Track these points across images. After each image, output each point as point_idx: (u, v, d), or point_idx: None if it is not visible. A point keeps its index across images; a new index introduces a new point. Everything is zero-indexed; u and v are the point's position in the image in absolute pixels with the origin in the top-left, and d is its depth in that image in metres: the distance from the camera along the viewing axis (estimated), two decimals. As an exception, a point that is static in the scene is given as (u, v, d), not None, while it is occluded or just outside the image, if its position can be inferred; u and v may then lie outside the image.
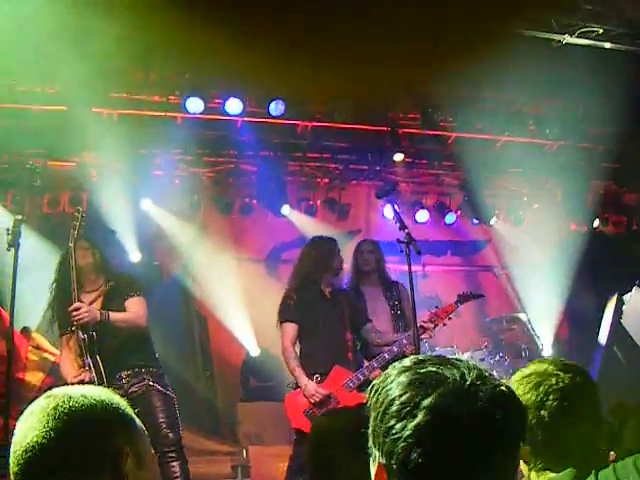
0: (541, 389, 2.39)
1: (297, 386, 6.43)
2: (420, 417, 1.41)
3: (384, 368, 2.21)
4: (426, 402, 1.42)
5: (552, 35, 8.56)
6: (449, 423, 1.41)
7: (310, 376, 6.37)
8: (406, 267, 5.83)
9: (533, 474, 2.41)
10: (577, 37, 8.59)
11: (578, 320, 11.34)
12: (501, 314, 10.56)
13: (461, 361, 1.52)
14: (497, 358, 9.33)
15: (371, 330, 6.82)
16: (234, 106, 9.08)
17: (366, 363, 6.63)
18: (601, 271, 10.92)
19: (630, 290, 11.53)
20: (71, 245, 5.85)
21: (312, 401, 6.27)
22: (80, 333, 5.69)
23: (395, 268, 8.05)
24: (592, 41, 8.70)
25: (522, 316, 10.71)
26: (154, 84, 8.86)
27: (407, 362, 1.54)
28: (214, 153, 10.18)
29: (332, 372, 6.38)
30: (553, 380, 2.44)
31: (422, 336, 6.51)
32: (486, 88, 9.64)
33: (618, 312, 11.16)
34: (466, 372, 1.48)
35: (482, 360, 9.18)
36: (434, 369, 1.49)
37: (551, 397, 2.39)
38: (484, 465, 1.43)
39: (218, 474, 8.55)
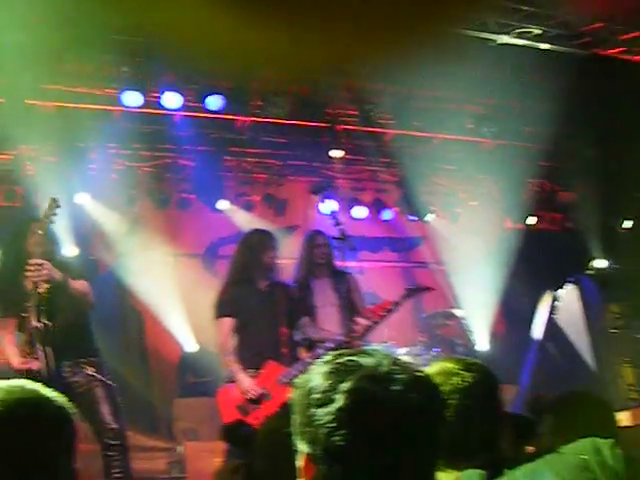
0: (445, 389, 2.41)
1: (231, 380, 6.41)
2: (339, 401, 1.47)
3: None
4: (344, 387, 1.48)
5: (490, 35, 8.66)
6: (367, 406, 1.47)
7: (245, 371, 6.35)
8: (342, 263, 5.83)
9: (439, 473, 2.42)
10: (514, 37, 8.71)
11: (513, 316, 11.51)
12: (437, 310, 10.64)
13: (378, 351, 1.58)
14: (433, 353, 9.40)
15: (307, 325, 6.81)
16: (173, 100, 9.00)
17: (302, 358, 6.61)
18: (536, 268, 11.09)
19: (564, 287, 11.75)
20: (29, 229, 5.77)
21: (246, 396, 6.25)
22: (34, 320, 5.55)
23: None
24: (529, 41, 8.83)
25: (458, 312, 10.81)
26: (91, 76, 8.73)
27: (327, 356, 1.60)
28: (152, 147, 10.08)
29: (266, 367, 6.37)
30: (455, 380, 2.46)
31: (356, 332, 6.53)
32: (424, 86, 9.72)
33: (552, 308, 11.35)
34: (383, 360, 1.54)
35: (418, 355, 9.23)
36: (352, 358, 1.55)
37: (454, 397, 2.40)
38: (404, 446, 1.48)
39: (154, 470, 8.49)
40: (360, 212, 11.19)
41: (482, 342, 11.16)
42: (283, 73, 9.21)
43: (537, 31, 8.74)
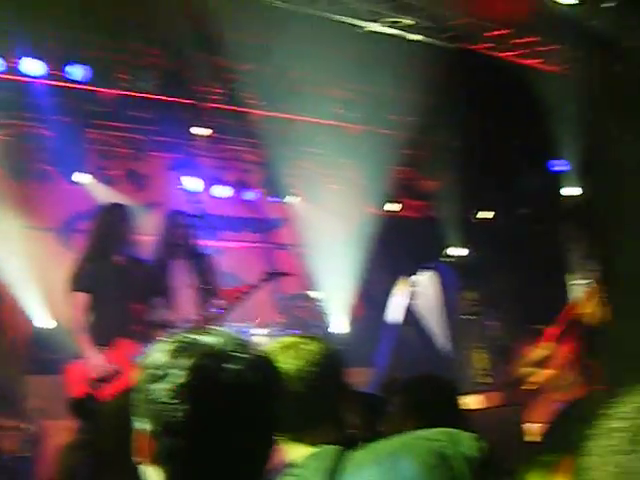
0: (295, 362, 2.42)
1: (81, 357, 6.23)
2: (180, 378, 1.51)
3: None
4: (185, 364, 1.52)
5: (360, 22, 8.71)
6: (207, 382, 1.52)
7: (96, 347, 6.18)
8: (202, 243, 5.74)
9: (284, 445, 2.45)
10: (384, 26, 8.79)
11: (373, 300, 11.69)
12: (296, 292, 10.68)
13: (223, 331, 1.63)
14: (292, 335, 9.41)
15: (163, 305, 6.71)
16: (34, 67, 8.63)
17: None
18: (396, 254, 11.29)
19: (422, 273, 12.03)
20: None
21: (95, 373, 6.09)
22: None
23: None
24: (398, 31, 8.94)
25: (316, 294, 10.88)
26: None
27: (172, 336, 1.64)
28: (8, 115, 9.61)
29: (117, 344, 6.22)
30: (303, 353, 2.48)
31: (211, 314, 6.49)
32: (293, 68, 9.69)
33: (410, 293, 11.60)
34: (226, 339, 1.58)
35: (277, 336, 9.22)
36: (195, 337, 1.59)
37: (308, 368, 2.38)
38: (241, 423, 1.54)
39: (6, 449, 8.18)
40: (223, 191, 11.10)
41: (340, 325, 11.29)
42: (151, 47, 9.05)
43: (407, 21, 8.85)
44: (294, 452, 2.39)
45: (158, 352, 1.60)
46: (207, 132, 10.27)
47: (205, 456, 1.51)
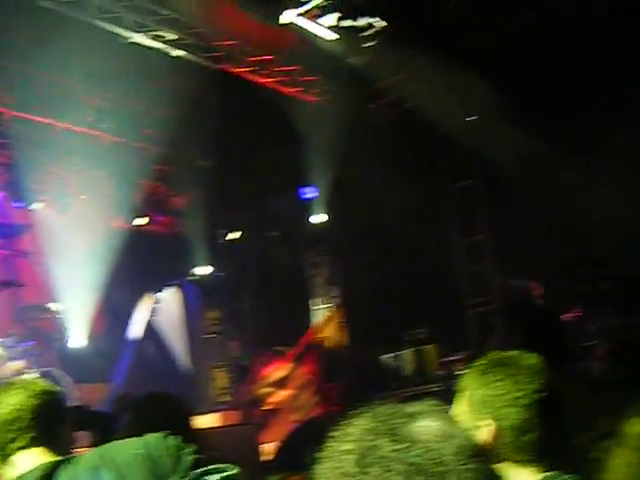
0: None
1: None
2: None
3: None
4: None
5: (123, 31, 8.57)
6: None
7: None
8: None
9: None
10: (148, 38, 8.71)
11: (115, 315, 11.46)
12: (36, 302, 10.24)
13: None
14: (26, 346, 9.03)
15: None
16: None
17: None
18: (142, 269, 11.16)
19: (167, 289, 11.98)
20: None
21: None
22: None
23: None
24: (162, 45, 8.88)
25: (55, 306, 10.49)
26: None
27: None
28: None
29: None
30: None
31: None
32: (51, 71, 9.34)
33: (153, 310, 11.50)
34: None
35: (11, 347, 8.81)
36: None
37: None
38: None
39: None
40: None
41: (79, 338, 10.94)
42: None
43: (171, 36, 8.83)
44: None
45: None
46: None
47: None
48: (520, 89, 9.28)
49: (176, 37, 8.84)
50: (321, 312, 12.32)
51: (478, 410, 1.93)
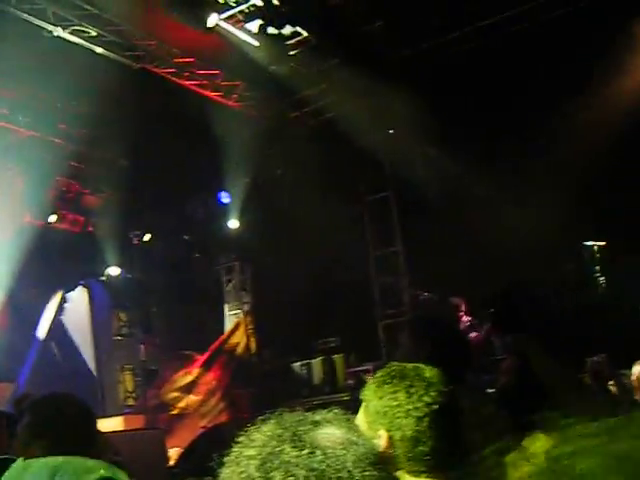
0: None
1: None
2: None
3: None
4: None
5: (46, 24, 8.39)
6: None
7: None
8: None
9: None
10: (70, 33, 8.54)
11: (20, 313, 11.17)
12: None
13: None
14: None
15: None
16: None
17: None
18: (50, 267, 10.92)
19: (75, 289, 11.76)
20: None
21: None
22: None
23: None
24: (84, 41, 8.73)
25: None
26: None
27: None
28: None
29: None
30: None
31: None
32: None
33: (60, 310, 11.28)
34: None
35: None
36: None
37: None
38: None
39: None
40: None
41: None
42: None
43: (93, 33, 8.69)
44: None
45: None
46: None
47: None
48: (441, 105, 9.45)
49: (97, 33, 8.70)
50: (232, 318, 12.29)
51: (374, 420, 1.95)
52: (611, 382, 4.89)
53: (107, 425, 8.17)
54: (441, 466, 1.97)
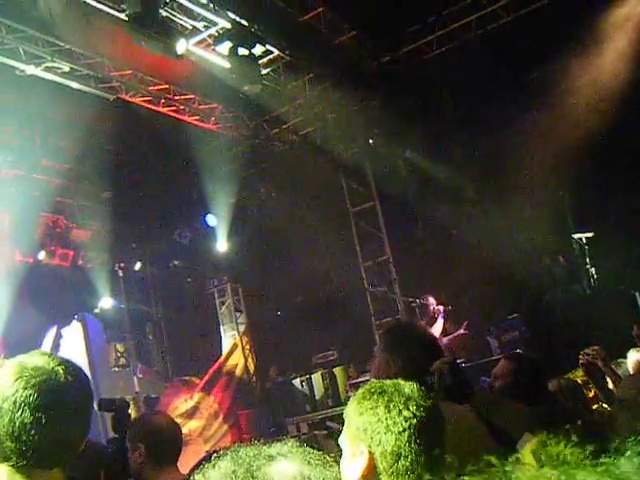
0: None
1: None
2: None
3: None
4: None
5: (19, 63, 8.40)
6: None
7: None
8: None
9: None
10: (43, 70, 8.55)
11: (17, 348, 11.12)
12: None
13: None
14: None
15: None
16: None
17: None
18: (44, 302, 10.92)
19: (69, 323, 11.74)
20: None
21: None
22: None
23: None
24: (58, 77, 8.73)
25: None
26: None
27: None
28: None
29: None
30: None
31: None
32: None
33: (56, 345, 11.26)
34: None
35: None
36: None
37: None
38: None
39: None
40: None
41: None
42: None
43: (66, 68, 8.70)
44: None
45: None
46: None
47: None
48: (422, 114, 9.48)
49: (70, 68, 8.71)
50: (229, 339, 12.26)
51: (356, 437, 1.95)
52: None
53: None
54: None
